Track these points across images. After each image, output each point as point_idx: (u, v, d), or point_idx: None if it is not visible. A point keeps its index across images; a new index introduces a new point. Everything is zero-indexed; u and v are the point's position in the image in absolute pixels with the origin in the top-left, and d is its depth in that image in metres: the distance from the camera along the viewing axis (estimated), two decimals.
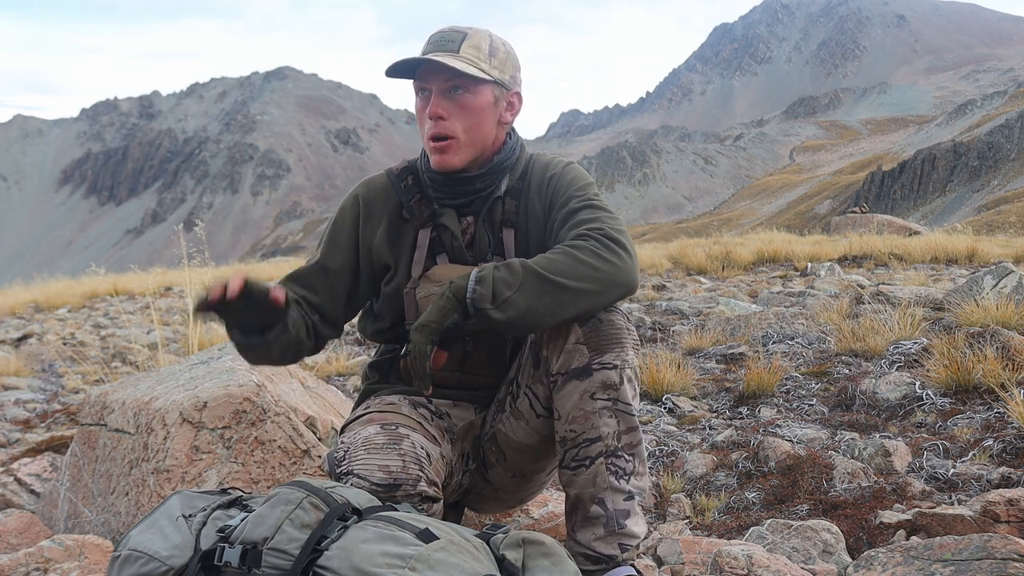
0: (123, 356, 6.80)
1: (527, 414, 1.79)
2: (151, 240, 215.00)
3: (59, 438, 3.36)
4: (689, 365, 4.28)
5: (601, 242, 1.64)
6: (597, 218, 1.71)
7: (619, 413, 1.67)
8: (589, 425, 1.66)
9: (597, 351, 1.65)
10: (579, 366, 1.66)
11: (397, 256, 1.87)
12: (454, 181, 1.84)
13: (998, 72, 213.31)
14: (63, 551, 1.99)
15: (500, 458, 1.86)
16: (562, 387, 1.68)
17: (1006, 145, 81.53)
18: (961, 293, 5.36)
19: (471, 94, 1.77)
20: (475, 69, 1.74)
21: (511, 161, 1.87)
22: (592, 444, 1.67)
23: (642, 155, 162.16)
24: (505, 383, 1.85)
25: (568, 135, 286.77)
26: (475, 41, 1.77)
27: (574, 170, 1.88)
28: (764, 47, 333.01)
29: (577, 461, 1.69)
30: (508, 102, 1.85)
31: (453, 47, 1.75)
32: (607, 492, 1.67)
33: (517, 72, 1.87)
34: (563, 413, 1.69)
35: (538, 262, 1.62)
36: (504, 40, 1.84)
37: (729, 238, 16.91)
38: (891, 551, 1.88)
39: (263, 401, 2.25)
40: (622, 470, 1.68)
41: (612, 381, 1.65)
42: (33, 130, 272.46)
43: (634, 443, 1.69)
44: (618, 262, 1.63)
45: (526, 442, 1.82)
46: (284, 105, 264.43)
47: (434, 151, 1.80)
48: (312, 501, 1.40)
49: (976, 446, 2.74)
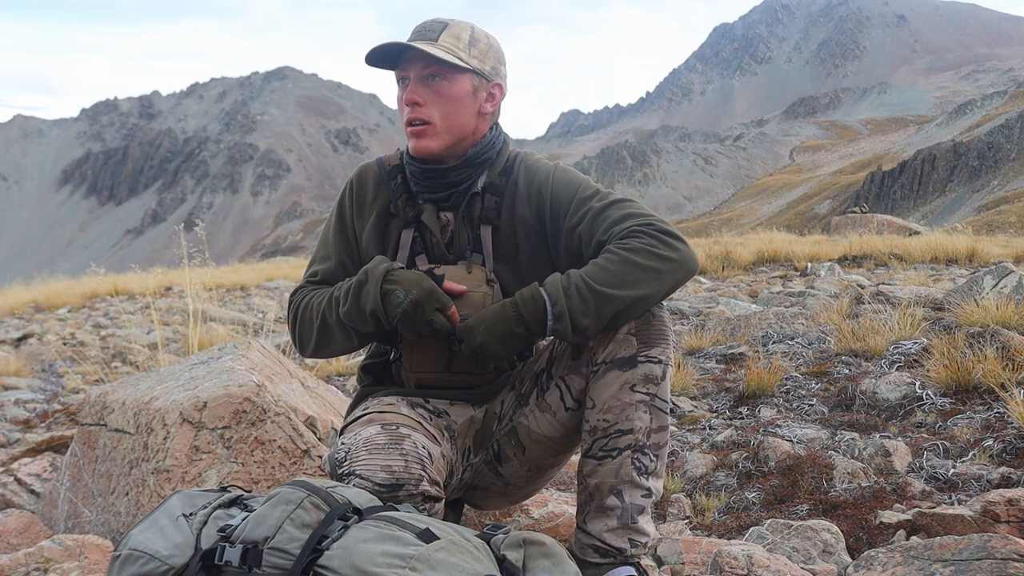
0: (123, 356, 6.81)
1: (555, 406, 1.79)
2: (151, 240, 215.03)
3: (59, 438, 3.36)
4: (689, 365, 4.29)
5: (656, 238, 1.65)
6: (632, 214, 1.71)
7: (655, 409, 1.69)
8: (624, 416, 1.68)
9: (646, 344, 1.67)
10: (625, 356, 1.67)
11: (379, 247, 1.89)
12: (430, 173, 1.84)
13: (998, 72, 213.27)
14: (63, 551, 1.99)
15: (519, 451, 1.86)
16: (603, 376, 1.69)
17: (1006, 145, 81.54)
18: (961, 293, 5.36)
19: (448, 82, 1.78)
20: (453, 57, 1.76)
21: (489, 155, 1.87)
22: (623, 436, 1.68)
23: (642, 155, 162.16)
24: (531, 377, 1.85)
25: (568, 135, 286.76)
26: (455, 31, 1.79)
27: (568, 172, 1.87)
28: (764, 47, 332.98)
29: (604, 451, 1.70)
30: (488, 92, 1.85)
31: (432, 36, 1.77)
32: (627, 485, 1.69)
33: (500, 65, 1.87)
34: (599, 402, 1.70)
35: (601, 279, 1.62)
36: (488, 33, 1.86)
37: (729, 238, 16.91)
38: (891, 551, 1.88)
39: (263, 401, 2.25)
40: (645, 468, 1.69)
41: (655, 375, 1.68)
42: (33, 130, 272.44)
43: (661, 443, 1.71)
44: (676, 256, 1.65)
45: (550, 435, 1.82)
46: (284, 105, 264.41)
47: (411, 136, 1.81)
48: (313, 501, 1.40)
49: (976, 446, 2.74)
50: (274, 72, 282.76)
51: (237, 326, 7.18)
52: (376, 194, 1.91)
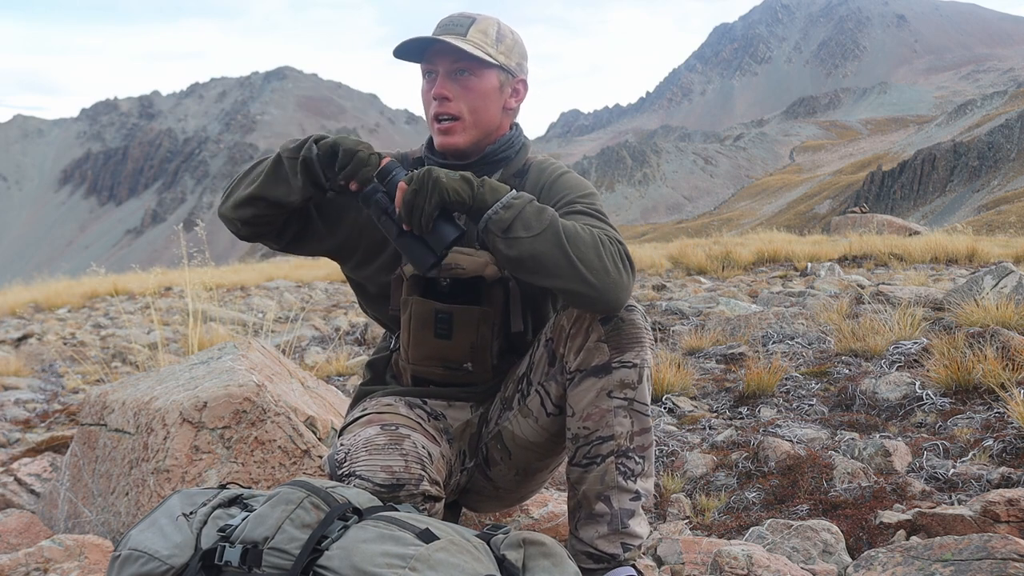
0: (123, 356, 6.81)
1: (536, 412, 1.78)
2: (151, 240, 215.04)
3: (59, 438, 3.36)
4: (689, 365, 4.28)
5: (620, 255, 1.61)
6: (611, 235, 1.65)
7: (634, 413, 1.67)
8: (603, 423, 1.67)
9: (618, 350, 1.65)
10: (600, 363, 1.66)
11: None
12: (450, 168, 1.83)
13: (998, 72, 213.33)
14: (63, 551, 1.99)
15: (505, 456, 1.86)
16: (579, 383, 1.68)
17: (1006, 145, 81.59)
18: (961, 293, 5.36)
19: (476, 77, 1.78)
20: (481, 52, 1.76)
21: (507, 153, 1.87)
22: (604, 442, 1.67)
23: (642, 155, 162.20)
24: (513, 381, 1.84)
25: (568, 135, 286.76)
26: (483, 26, 1.79)
27: (575, 177, 1.86)
28: (764, 47, 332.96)
29: (588, 459, 1.69)
30: (513, 88, 1.86)
31: (461, 30, 1.77)
32: (614, 491, 1.68)
33: (524, 60, 1.88)
34: (577, 410, 1.69)
35: (567, 228, 1.58)
36: (512, 28, 1.86)
37: (729, 238, 16.90)
38: (891, 551, 1.88)
39: (263, 401, 2.25)
40: (631, 471, 1.68)
41: (631, 379, 1.66)
42: (33, 130, 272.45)
43: (645, 445, 1.70)
44: (623, 281, 1.59)
45: (533, 440, 1.81)
46: (284, 105, 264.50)
47: (438, 132, 1.81)
48: (313, 501, 1.40)
49: (976, 446, 2.74)
50: (274, 72, 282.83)
51: (237, 326, 7.18)
52: None
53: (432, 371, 1.84)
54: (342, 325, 7.42)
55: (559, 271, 1.57)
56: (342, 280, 14.37)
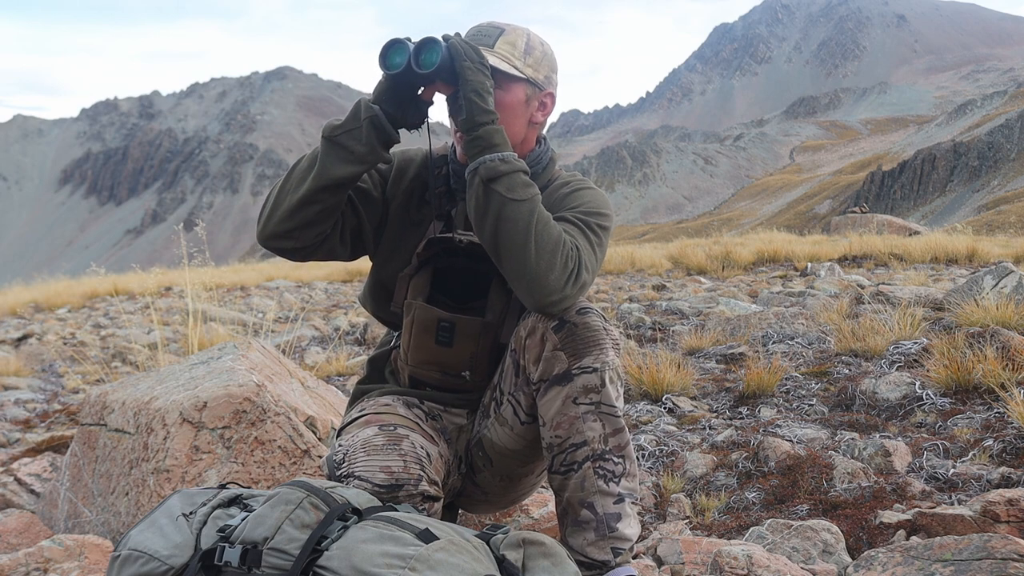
0: (123, 356, 6.81)
1: (511, 420, 1.78)
2: (151, 240, 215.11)
3: (59, 438, 3.36)
4: (689, 365, 4.28)
5: (575, 263, 1.62)
6: (583, 247, 1.67)
7: (603, 416, 1.66)
8: (574, 430, 1.66)
9: (575, 356, 1.64)
10: (560, 372, 1.65)
11: (404, 232, 1.88)
12: None
13: (998, 72, 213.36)
14: (63, 551, 1.99)
15: (487, 463, 1.86)
16: (544, 393, 1.68)
17: (1006, 145, 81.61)
18: (961, 293, 5.36)
19: (502, 90, 1.77)
20: (508, 66, 1.75)
21: (535, 170, 1.86)
22: (578, 449, 1.66)
23: (642, 155, 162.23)
24: (489, 388, 1.84)
25: (568, 135, 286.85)
26: (511, 38, 1.78)
27: (593, 194, 1.84)
28: (764, 47, 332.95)
29: (565, 466, 1.68)
30: (540, 102, 1.84)
31: (488, 42, 1.76)
32: (596, 496, 1.67)
33: (553, 73, 1.86)
34: (547, 419, 1.68)
35: (542, 215, 1.61)
36: (543, 40, 1.84)
37: (729, 238, 16.91)
38: (891, 551, 1.88)
39: (263, 401, 2.25)
40: (611, 473, 1.67)
41: (593, 384, 1.65)
42: (33, 130, 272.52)
43: (622, 444, 1.69)
44: (562, 286, 1.61)
45: (512, 447, 1.81)
46: (284, 105, 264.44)
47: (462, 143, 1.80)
48: (312, 501, 1.40)
49: (976, 446, 2.74)
50: (274, 72, 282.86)
51: (237, 326, 7.18)
52: (415, 175, 1.91)
53: (430, 375, 1.84)
54: (342, 325, 7.42)
55: (513, 244, 1.59)
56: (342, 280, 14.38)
